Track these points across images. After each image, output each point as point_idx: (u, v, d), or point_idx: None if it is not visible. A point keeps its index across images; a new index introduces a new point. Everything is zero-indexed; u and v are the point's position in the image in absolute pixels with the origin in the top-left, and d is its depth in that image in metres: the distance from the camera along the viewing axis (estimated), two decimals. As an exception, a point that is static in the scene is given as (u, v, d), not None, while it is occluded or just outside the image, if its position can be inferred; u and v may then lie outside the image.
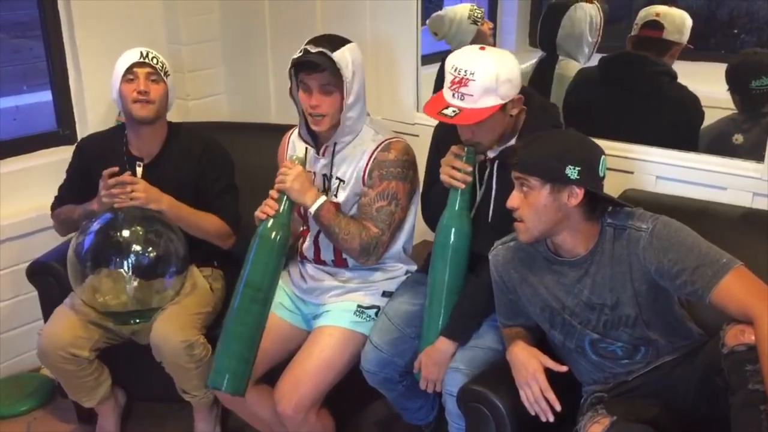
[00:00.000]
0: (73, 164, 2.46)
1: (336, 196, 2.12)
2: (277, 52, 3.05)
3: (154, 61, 2.30)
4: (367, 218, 2.07)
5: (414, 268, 2.26)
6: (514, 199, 1.70)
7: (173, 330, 2.20)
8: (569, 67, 2.97)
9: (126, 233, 2.18)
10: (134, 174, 2.25)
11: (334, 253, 2.18)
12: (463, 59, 1.83)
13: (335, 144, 2.10)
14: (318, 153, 2.13)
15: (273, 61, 3.08)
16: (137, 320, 2.23)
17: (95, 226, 2.19)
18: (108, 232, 2.18)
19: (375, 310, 2.16)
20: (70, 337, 2.23)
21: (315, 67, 1.97)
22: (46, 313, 2.51)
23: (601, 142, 2.36)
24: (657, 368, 1.76)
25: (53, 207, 2.46)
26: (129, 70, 2.27)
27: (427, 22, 3.02)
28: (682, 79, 2.63)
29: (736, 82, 2.56)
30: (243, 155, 2.24)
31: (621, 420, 1.67)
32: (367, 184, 2.08)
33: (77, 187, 2.39)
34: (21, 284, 2.57)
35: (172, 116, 3.04)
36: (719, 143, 2.53)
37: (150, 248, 2.18)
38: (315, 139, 2.14)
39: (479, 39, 3.00)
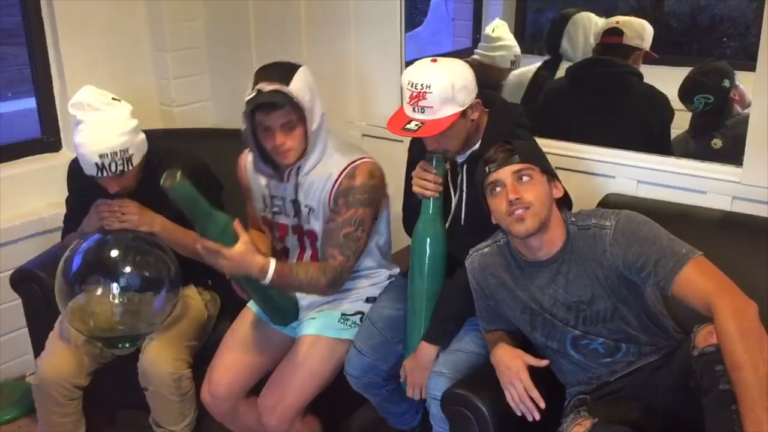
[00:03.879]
0: (70, 189, 2.35)
1: (309, 223, 2.10)
2: (262, 58, 3.02)
3: (112, 167, 2.01)
4: (333, 245, 2.02)
5: (397, 271, 2.27)
6: (517, 190, 1.71)
7: (165, 359, 2.18)
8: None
9: (115, 253, 2.11)
10: None
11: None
12: (418, 74, 1.85)
13: (299, 167, 2.05)
14: (283, 179, 2.08)
15: (258, 68, 3.07)
16: (126, 344, 2.16)
17: (83, 246, 2.13)
18: (96, 252, 2.12)
19: (359, 316, 2.16)
20: (71, 367, 2.20)
21: (273, 107, 1.91)
22: (30, 322, 2.50)
23: (583, 148, 2.42)
24: (639, 369, 1.78)
25: (62, 237, 2.39)
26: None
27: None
28: (662, 85, 2.66)
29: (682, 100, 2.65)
30: (228, 162, 2.23)
31: (602, 422, 1.68)
32: (333, 210, 2.04)
33: (79, 213, 2.24)
34: (5, 292, 2.56)
35: (156, 123, 3.07)
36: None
37: (139, 269, 2.12)
38: (276, 168, 2.07)
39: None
